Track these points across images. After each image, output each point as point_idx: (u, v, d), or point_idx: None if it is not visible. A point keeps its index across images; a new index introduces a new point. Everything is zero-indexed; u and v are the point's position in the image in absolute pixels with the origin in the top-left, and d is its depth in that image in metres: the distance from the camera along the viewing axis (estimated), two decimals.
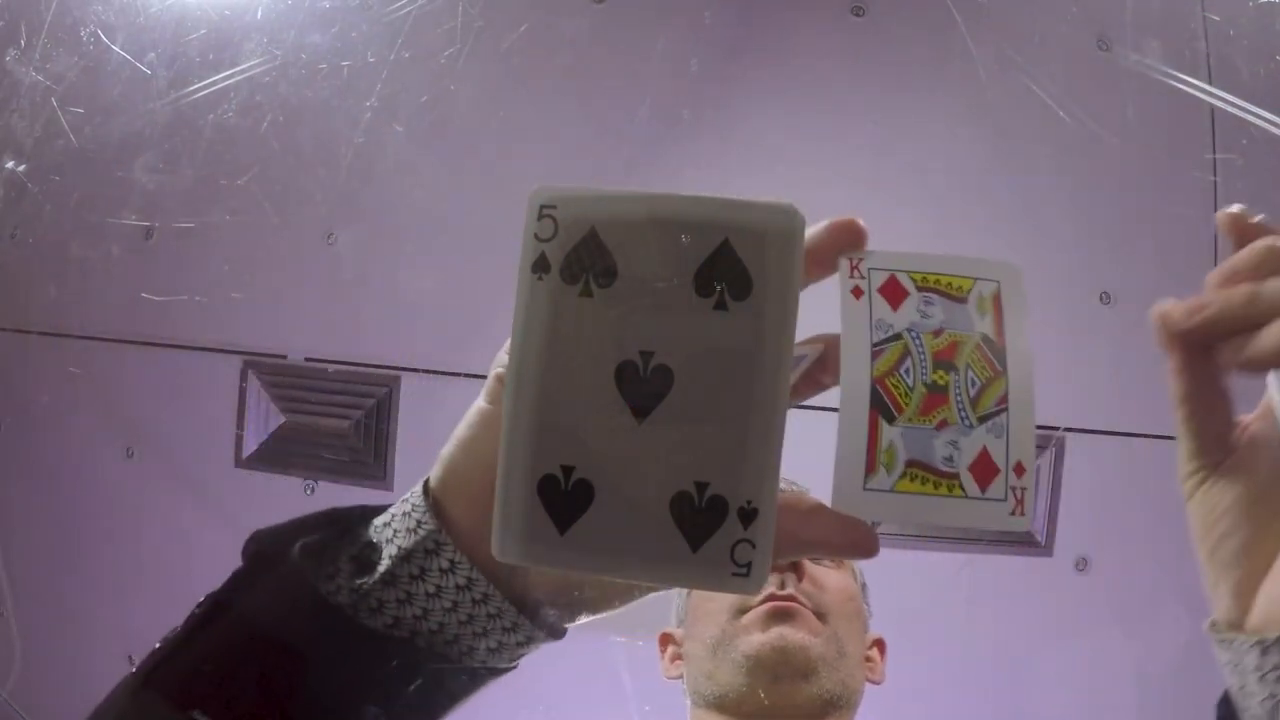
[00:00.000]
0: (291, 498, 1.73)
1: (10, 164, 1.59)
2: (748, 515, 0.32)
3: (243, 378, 1.79)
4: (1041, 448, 1.61)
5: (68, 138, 1.57)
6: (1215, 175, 1.52)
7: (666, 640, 1.00)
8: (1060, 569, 1.61)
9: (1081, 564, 1.60)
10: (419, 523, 0.37)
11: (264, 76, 1.57)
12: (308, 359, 1.76)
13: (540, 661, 0.42)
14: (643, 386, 0.32)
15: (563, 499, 0.33)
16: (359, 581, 0.36)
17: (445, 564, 0.36)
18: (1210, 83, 1.47)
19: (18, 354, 1.77)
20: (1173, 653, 1.50)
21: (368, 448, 1.72)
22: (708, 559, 0.32)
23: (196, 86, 1.59)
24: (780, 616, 0.85)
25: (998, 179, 1.62)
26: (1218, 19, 1.48)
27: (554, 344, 0.33)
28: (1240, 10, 1.48)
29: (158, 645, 0.38)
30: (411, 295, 1.60)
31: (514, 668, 0.39)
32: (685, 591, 0.99)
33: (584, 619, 0.39)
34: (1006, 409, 0.37)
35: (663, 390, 0.32)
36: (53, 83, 1.55)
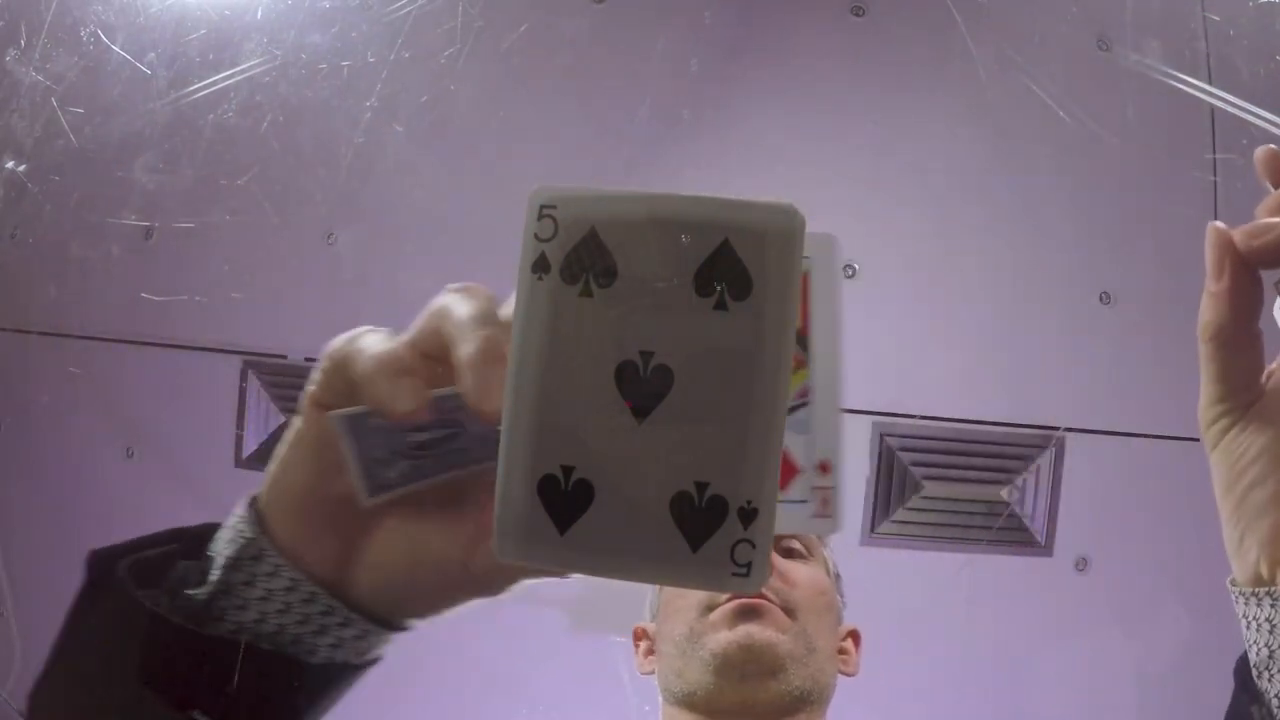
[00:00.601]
0: None
1: (10, 164, 1.59)
2: (748, 515, 0.32)
3: (243, 378, 1.79)
4: (1041, 448, 1.61)
5: (68, 138, 1.57)
6: (1215, 175, 1.52)
7: (640, 635, 1.00)
8: (1060, 569, 1.61)
9: (1081, 564, 1.61)
10: (239, 532, 0.38)
11: (264, 76, 1.57)
12: (308, 359, 1.76)
13: (540, 662, 0.42)
14: (643, 386, 0.32)
15: (563, 499, 0.33)
16: (194, 593, 0.38)
17: (269, 568, 0.38)
18: (1210, 83, 1.47)
19: (18, 354, 1.77)
20: (1173, 653, 1.50)
21: None
22: (708, 559, 0.32)
23: (196, 86, 1.59)
24: (747, 614, 0.85)
25: (998, 179, 1.62)
26: (1218, 19, 1.48)
27: (554, 344, 0.33)
28: (1240, 10, 1.49)
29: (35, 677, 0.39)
30: (411, 295, 1.60)
31: (369, 663, 0.40)
32: (658, 586, 0.98)
33: (426, 617, 0.40)
34: (808, 403, 0.36)
35: (663, 390, 0.32)
36: (53, 83, 1.55)
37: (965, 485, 1.63)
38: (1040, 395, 1.62)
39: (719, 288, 0.32)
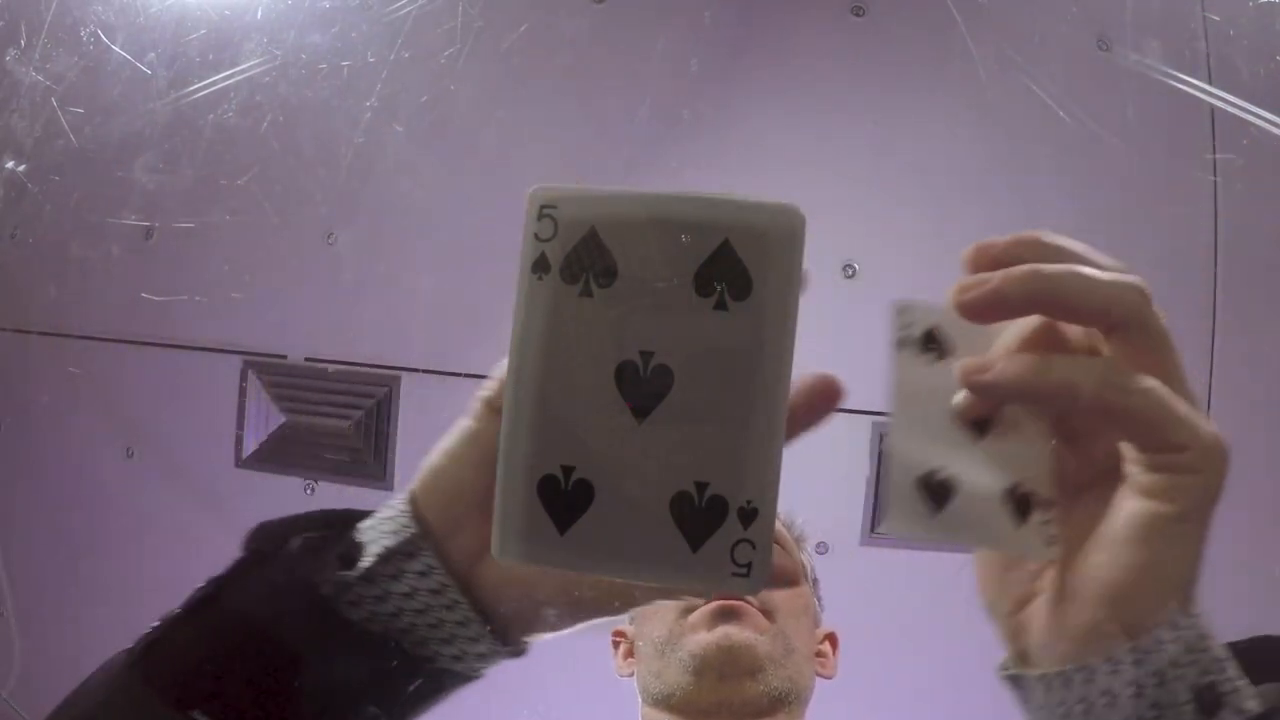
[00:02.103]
0: (291, 498, 1.73)
1: (10, 164, 1.59)
2: (748, 515, 0.32)
3: (243, 378, 1.79)
4: None
5: (68, 138, 1.57)
6: (1215, 175, 1.52)
7: (619, 637, 1.01)
8: None
9: None
10: (402, 526, 0.39)
11: (264, 76, 1.57)
12: (308, 359, 1.76)
13: (540, 661, 0.42)
14: (643, 386, 0.32)
15: (563, 499, 0.33)
16: (342, 575, 0.38)
17: (421, 568, 0.38)
18: (1210, 83, 1.47)
19: (18, 354, 1.77)
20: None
21: (367, 448, 1.72)
22: (708, 559, 0.32)
23: (196, 86, 1.59)
24: (726, 615, 0.86)
25: (998, 179, 1.62)
26: (1218, 19, 1.48)
27: (554, 344, 0.33)
28: (1240, 10, 1.48)
29: (154, 625, 0.39)
30: (411, 295, 1.61)
31: (474, 678, 0.40)
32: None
33: (546, 635, 0.40)
34: None
35: (663, 390, 0.32)
36: (53, 83, 1.55)
37: None
38: None
39: (719, 288, 0.32)
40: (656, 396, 0.32)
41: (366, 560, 0.38)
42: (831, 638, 0.99)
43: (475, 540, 0.39)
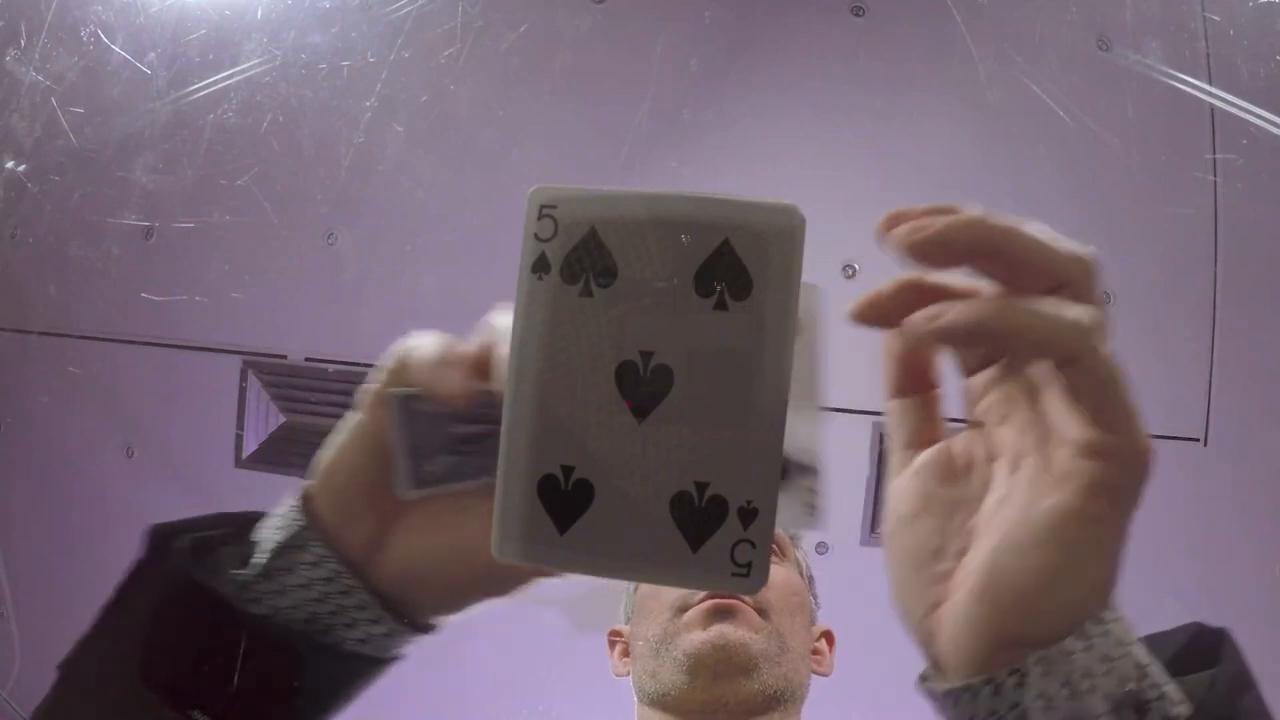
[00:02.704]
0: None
1: (10, 164, 1.59)
2: (748, 515, 0.32)
3: (243, 378, 1.79)
4: None
5: (68, 138, 1.57)
6: (1215, 175, 1.52)
7: (615, 637, 1.01)
8: None
9: None
10: (291, 520, 0.40)
11: (264, 76, 1.57)
12: (308, 359, 1.76)
13: (541, 661, 0.42)
14: (642, 386, 0.32)
15: (562, 499, 0.33)
16: (238, 574, 0.39)
17: (313, 558, 0.39)
18: (1210, 83, 1.47)
19: (18, 354, 1.77)
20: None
21: None
22: (708, 559, 0.32)
23: (196, 86, 1.59)
24: (721, 614, 0.85)
25: (998, 179, 1.62)
26: (1218, 19, 1.48)
27: (554, 344, 0.33)
28: (1240, 10, 1.48)
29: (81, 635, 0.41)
30: (412, 295, 1.61)
31: (390, 659, 0.41)
32: (633, 588, 0.99)
33: (449, 616, 0.41)
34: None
35: (662, 390, 0.32)
36: (53, 83, 1.55)
37: None
38: None
39: (719, 288, 0.32)
40: (656, 396, 0.32)
41: (259, 558, 0.39)
42: (828, 635, 0.99)
43: (371, 529, 0.39)
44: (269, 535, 0.40)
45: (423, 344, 0.39)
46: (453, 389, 0.37)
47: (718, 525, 0.32)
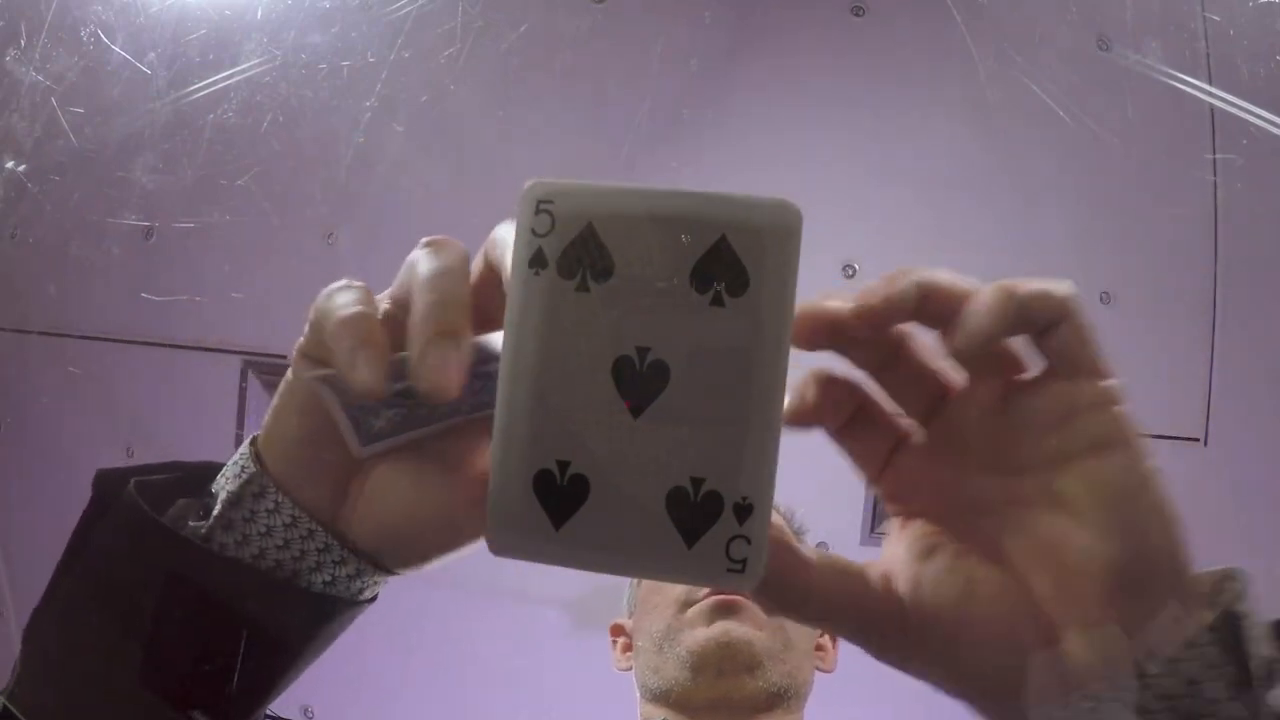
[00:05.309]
0: None
1: (10, 164, 1.59)
2: (743, 511, 0.32)
3: (243, 378, 1.79)
4: None
5: (68, 138, 1.57)
6: (1215, 175, 1.52)
7: (618, 631, 1.00)
8: None
9: None
10: (243, 469, 0.39)
11: (264, 76, 1.57)
12: None
13: (541, 661, 0.42)
14: (639, 382, 0.32)
15: (558, 494, 0.33)
16: (197, 525, 0.39)
17: (271, 505, 0.39)
18: (1210, 83, 1.47)
19: (18, 354, 1.77)
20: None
21: None
22: (703, 555, 0.32)
23: (196, 86, 1.59)
24: (724, 610, 0.85)
25: (998, 179, 1.62)
26: (1218, 19, 1.48)
27: (550, 340, 0.33)
28: (1240, 10, 1.48)
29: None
30: None
31: (361, 600, 0.40)
32: (636, 582, 0.99)
33: (418, 566, 0.40)
34: None
35: (659, 386, 0.32)
36: (53, 83, 1.55)
37: None
38: None
39: (716, 284, 0.32)
40: (653, 392, 0.32)
41: (218, 508, 0.39)
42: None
43: (326, 484, 0.39)
44: (224, 486, 0.40)
45: (332, 312, 0.36)
46: (362, 377, 0.33)
47: (713, 521, 0.32)
